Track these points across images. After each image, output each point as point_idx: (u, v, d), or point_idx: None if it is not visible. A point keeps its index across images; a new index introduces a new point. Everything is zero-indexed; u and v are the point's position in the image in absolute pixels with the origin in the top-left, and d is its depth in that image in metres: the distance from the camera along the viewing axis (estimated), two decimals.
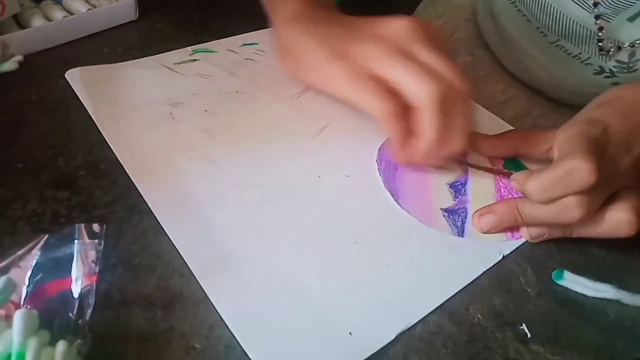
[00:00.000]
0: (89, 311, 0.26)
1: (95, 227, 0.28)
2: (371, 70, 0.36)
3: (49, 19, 0.46)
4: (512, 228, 0.36)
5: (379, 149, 0.41)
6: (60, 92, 0.42)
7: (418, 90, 0.34)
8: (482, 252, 0.35)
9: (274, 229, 0.34)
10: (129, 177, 0.36)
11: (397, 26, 0.37)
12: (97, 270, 0.27)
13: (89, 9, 0.48)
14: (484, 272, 0.34)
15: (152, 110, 0.41)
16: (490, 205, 0.36)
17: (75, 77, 0.43)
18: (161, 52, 0.47)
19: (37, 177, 0.35)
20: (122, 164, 0.36)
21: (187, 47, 0.48)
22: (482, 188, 0.39)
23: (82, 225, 0.28)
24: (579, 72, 0.53)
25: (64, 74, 0.43)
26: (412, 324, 0.30)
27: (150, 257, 0.32)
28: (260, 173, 0.37)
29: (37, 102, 0.41)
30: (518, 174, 0.35)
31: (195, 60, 0.47)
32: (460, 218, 0.36)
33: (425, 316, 0.31)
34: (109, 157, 0.37)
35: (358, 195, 0.37)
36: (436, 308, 0.31)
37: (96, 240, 0.28)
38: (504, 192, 0.39)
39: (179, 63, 0.46)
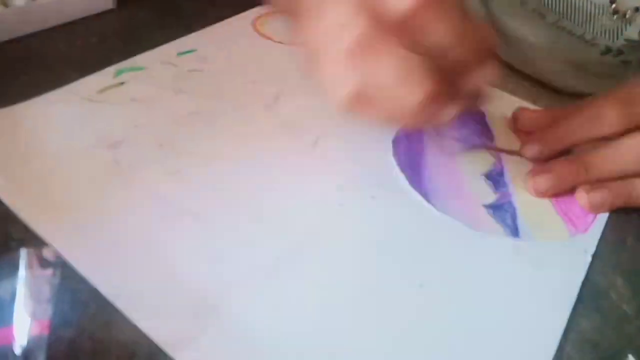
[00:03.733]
0: None
1: (47, 252, 0.20)
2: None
3: (5, 5, 0.39)
4: (574, 217, 0.31)
5: (393, 142, 0.34)
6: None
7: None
8: (563, 258, 0.28)
9: (306, 290, 0.25)
10: None
11: None
12: (50, 312, 0.19)
13: None
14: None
15: (86, 160, 0.29)
16: (547, 164, 0.33)
17: None
18: (143, 43, 0.40)
19: None
20: (60, 252, 0.23)
21: (109, 68, 0.37)
22: (523, 176, 0.33)
23: (29, 250, 0.20)
24: (584, 53, 0.48)
25: (27, 68, 0.36)
26: None
27: None
28: (264, 219, 0.27)
29: None
30: None
31: (122, 83, 0.35)
32: (508, 215, 0.31)
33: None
34: None
35: (400, 220, 0.29)
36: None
37: (49, 271, 0.20)
38: None
39: (102, 90, 0.34)
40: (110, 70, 0.37)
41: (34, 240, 0.25)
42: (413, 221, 0.29)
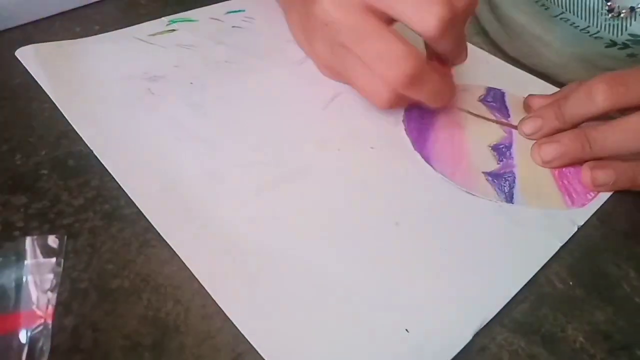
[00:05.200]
0: None
1: (52, 240, 0.20)
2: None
3: None
4: (574, 194, 0.31)
5: (405, 109, 0.35)
6: (20, 77, 0.34)
7: (421, 19, 0.28)
8: (551, 223, 0.29)
9: (293, 215, 0.27)
10: (104, 175, 0.28)
11: None
12: (54, 301, 0.19)
13: None
14: (561, 248, 0.28)
15: (125, 86, 0.34)
16: (553, 136, 0.33)
17: (28, 55, 0.35)
18: None
19: None
20: (96, 154, 0.28)
21: (163, 18, 0.41)
22: (530, 151, 0.34)
23: (34, 238, 0.20)
24: (590, 46, 0.47)
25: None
26: (488, 319, 0.24)
27: (134, 279, 0.23)
28: (267, 151, 0.31)
29: None
30: None
31: (173, 30, 0.40)
32: (507, 183, 0.31)
33: (513, 342, 0.23)
34: (79, 152, 0.29)
35: (389, 168, 0.31)
36: (521, 328, 0.23)
37: (53, 259, 0.20)
38: None
39: (154, 34, 0.39)
40: (164, 19, 0.41)
41: (36, 229, 0.25)
42: (406, 172, 0.31)
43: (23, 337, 0.18)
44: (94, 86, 0.33)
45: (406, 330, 0.23)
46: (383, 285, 0.24)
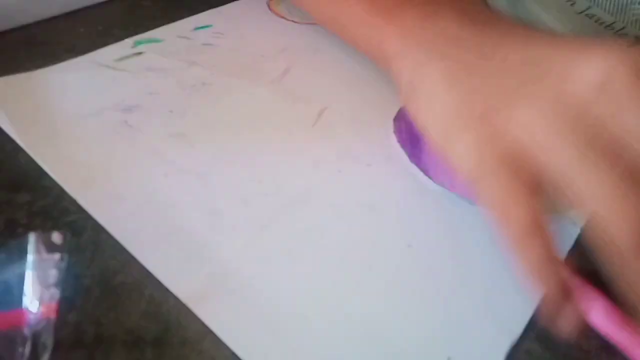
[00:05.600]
0: (46, 355, 0.18)
1: (55, 236, 0.20)
2: (521, 155, 0.23)
3: None
4: None
5: (395, 119, 0.34)
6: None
7: (608, 217, 0.20)
8: (553, 227, 0.28)
9: (301, 247, 0.26)
10: None
11: (594, 77, 0.21)
12: (57, 297, 0.19)
13: None
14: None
15: (98, 121, 0.31)
16: None
17: None
18: (149, 30, 0.40)
19: None
20: (75, 198, 0.26)
21: (126, 40, 0.39)
22: None
23: (37, 234, 0.20)
24: None
25: (31, 56, 0.35)
26: (519, 333, 0.23)
27: (136, 275, 0.24)
28: (263, 179, 0.29)
29: None
30: None
31: (140, 53, 0.37)
32: None
33: None
34: None
35: (392, 185, 0.30)
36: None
37: (57, 255, 0.20)
38: None
39: (120, 59, 0.36)
40: (129, 41, 0.38)
41: (40, 227, 0.25)
42: (407, 189, 0.30)
43: (26, 332, 0.18)
44: (63, 124, 0.31)
45: (448, 359, 0.22)
46: (411, 313, 0.23)
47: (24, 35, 0.38)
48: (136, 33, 0.40)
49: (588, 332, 0.22)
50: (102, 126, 0.31)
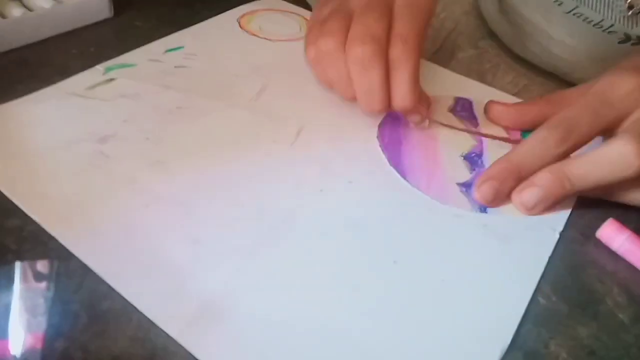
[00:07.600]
0: None
1: (42, 265, 0.20)
2: None
3: (3, 16, 0.39)
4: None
5: (379, 125, 0.36)
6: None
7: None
8: (533, 234, 0.29)
9: (288, 272, 0.26)
10: None
11: None
12: (44, 325, 0.20)
13: (53, 5, 0.41)
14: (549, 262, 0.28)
15: (74, 152, 0.30)
16: (529, 178, 0.30)
17: None
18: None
19: None
20: (53, 235, 0.26)
21: (97, 66, 0.38)
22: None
23: (24, 264, 0.20)
24: (602, 42, 0.47)
25: (22, 79, 0.36)
26: (508, 344, 0.24)
27: (124, 300, 0.24)
28: (246, 204, 0.29)
29: None
30: None
31: (112, 80, 0.37)
32: None
33: None
34: None
35: (374, 201, 0.30)
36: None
37: (43, 284, 0.20)
38: None
39: (92, 87, 0.36)
40: (99, 68, 0.38)
41: (29, 252, 0.25)
42: (387, 202, 0.30)
43: None
44: (36, 158, 0.30)
45: None
46: (399, 330, 0.24)
47: (17, 58, 0.39)
48: (129, 52, 0.40)
49: None
50: (77, 158, 0.30)
